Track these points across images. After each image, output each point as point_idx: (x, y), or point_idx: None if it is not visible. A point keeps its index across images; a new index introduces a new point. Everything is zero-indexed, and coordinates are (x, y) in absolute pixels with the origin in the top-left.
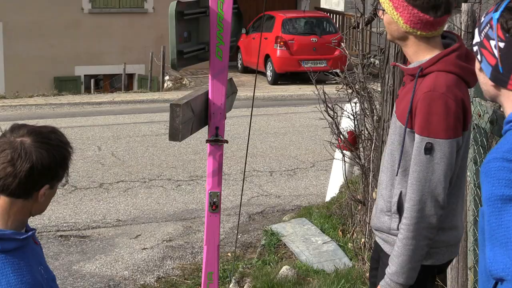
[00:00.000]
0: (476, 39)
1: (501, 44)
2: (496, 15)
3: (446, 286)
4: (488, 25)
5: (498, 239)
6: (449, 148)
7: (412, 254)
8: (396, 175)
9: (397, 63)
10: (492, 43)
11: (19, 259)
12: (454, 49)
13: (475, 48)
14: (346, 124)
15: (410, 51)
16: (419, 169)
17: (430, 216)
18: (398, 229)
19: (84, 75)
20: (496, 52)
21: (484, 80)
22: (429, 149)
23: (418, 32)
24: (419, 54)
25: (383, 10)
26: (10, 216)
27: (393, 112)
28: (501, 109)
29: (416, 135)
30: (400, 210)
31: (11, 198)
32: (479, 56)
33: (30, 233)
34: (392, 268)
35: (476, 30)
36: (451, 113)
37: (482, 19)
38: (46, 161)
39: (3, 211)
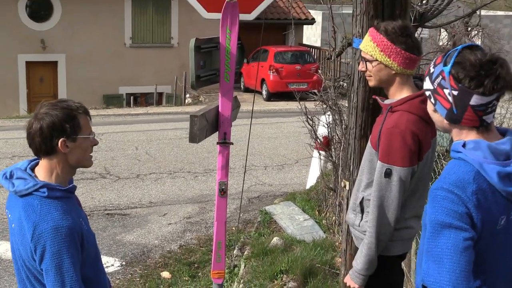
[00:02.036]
0: (429, 86)
1: (455, 92)
2: (447, 68)
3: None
4: (440, 76)
5: (433, 256)
6: (403, 174)
7: (372, 253)
8: (362, 184)
9: (376, 97)
10: (446, 91)
11: (62, 204)
12: (419, 95)
13: (427, 93)
14: (322, 131)
15: (391, 91)
16: (379, 188)
17: (386, 225)
18: (359, 225)
19: (126, 93)
20: (450, 98)
21: (439, 119)
22: (388, 174)
23: (408, 71)
24: (396, 94)
25: (371, 61)
26: (52, 172)
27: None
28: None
29: (379, 162)
30: (362, 211)
31: (47, 157)
32: (432, 100)
33: (71, 185)
34: (359, 265)
35: (427, 78)
36: (407, 146)
37: (432, 69)
38: (49, 119)
39: (46, 169)
